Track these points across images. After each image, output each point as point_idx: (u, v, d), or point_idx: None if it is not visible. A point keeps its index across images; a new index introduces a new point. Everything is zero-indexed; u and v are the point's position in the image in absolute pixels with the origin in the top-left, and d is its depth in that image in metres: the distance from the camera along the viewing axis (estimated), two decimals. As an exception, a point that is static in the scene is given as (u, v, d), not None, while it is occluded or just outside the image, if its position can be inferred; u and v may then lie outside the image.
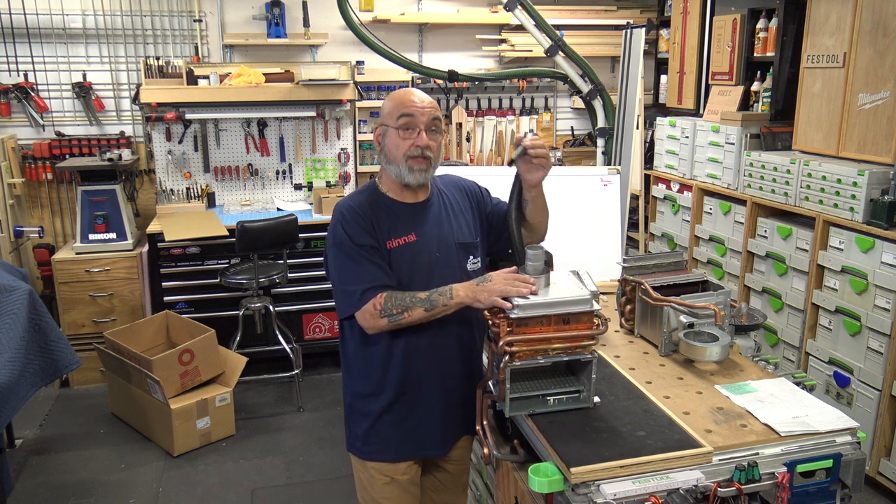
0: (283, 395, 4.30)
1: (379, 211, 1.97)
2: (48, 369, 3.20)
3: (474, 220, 2.11)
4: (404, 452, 2.08)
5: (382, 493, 2.09)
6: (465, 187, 2.16)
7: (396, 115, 1.94)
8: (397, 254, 1.96)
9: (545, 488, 1.56)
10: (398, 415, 2.05)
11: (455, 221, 2.06)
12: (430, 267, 1.97)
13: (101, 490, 3.35)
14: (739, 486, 1.55)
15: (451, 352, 2.04)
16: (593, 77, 4.64)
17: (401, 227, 1.97)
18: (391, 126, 1.96)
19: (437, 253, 1.99)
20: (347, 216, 1.95)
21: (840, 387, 3.31)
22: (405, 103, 1.95)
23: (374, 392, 2.05)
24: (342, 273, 1.94)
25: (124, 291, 4.33)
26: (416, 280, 1.95)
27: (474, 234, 2.09)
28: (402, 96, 1.98)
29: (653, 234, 4.87)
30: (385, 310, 1.87)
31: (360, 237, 1.92)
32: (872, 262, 3.11)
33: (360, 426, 2.09)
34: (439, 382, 2.04)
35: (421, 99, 1.96)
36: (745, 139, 3.94)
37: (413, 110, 1.93)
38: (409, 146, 1.93)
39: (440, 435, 2.10)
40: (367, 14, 4.92)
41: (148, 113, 4.59)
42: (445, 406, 2.07)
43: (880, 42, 3.22)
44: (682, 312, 2.10)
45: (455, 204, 2.10)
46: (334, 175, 5.06)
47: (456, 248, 2.03)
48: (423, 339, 1.98)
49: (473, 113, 5.43)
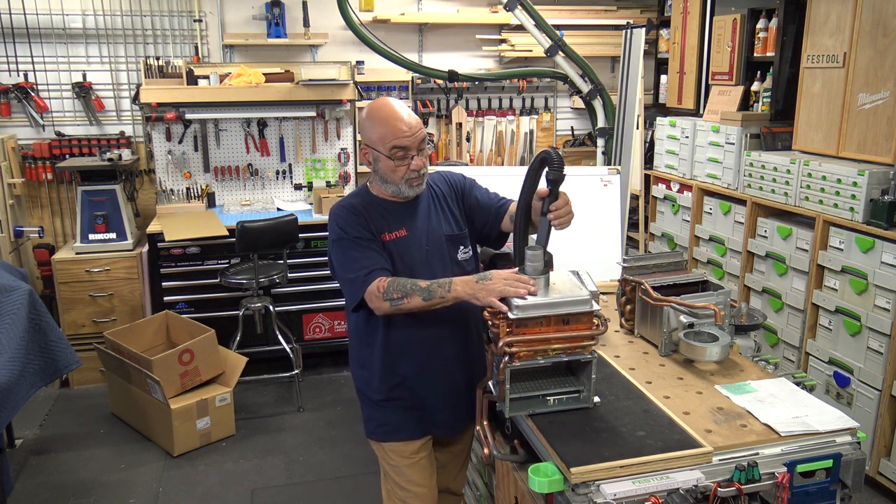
0: (283, 395, 4.30)
1: (371, 210, 2.07)
2: (48, 369, 3.20)
3: (460, 211, 2.20)
4: (415, 432, 2.16)
5: (405, 476, 2.18)
6: (450, 181, 2.24)
7: (388, 145, 1.98)
8: (391, 246, 2.05)
9: (545, 488, 1.56)
10: (402, 402, 2.13)
11: (442, 215, 2.16)
12: (423, 258, 2.08)
13: (101, 490, 3.35)
14: (739, 486, 1.55)
15: (449, 341, 2.12)
16: (593, 77, 4.64)
17: (393, 223, 2.07)
18: (382, 154, 2.00)
19: (428, 246, 2.09)
20: (342, 214, 2.06)
21: (840, 387, 3.31)
22: (395, 134, 1.97)
23: (376, 381, 2.13)
24: (344, 264, 2.02)
25: (124, 291, 4.33)
26: (412, 270, 2.05)
27: (461, 225, 2.19)
28: (389, 121, 1.98)
29: (653, 234, 4.87)
30: (387, 293, 1.93)
31: (356, 230, 2.02)
32: (872, 262, 3.11)
33: (371, 411, 2.19)
34: (438, 371, 2.11)
35: (409, 125, 1.98)
36: (745, 139, 3.94)
37: (405, 142, 1.98)
38: (405, 171, 2.01)
39: (446, 418, 2.19)
40: (367, 14, 4.91)
41: (148, 113, 4.59)
42: (448, 393, 2.15)
43: (880, 42, 3.21)
44: (682, 312, 2.10)
45: (443, 198, 2.19)
46: (334, 175, 5.06)
47: (445, 241, 2.13)
48: (419, 330, 2.06)
49: (473, 113, 5.43)
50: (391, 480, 2.22)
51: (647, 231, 4.94)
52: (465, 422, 2.23)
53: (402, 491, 2.18)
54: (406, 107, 2.04)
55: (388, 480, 2.24)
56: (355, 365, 2.21)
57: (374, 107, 2.03)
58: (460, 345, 2.15)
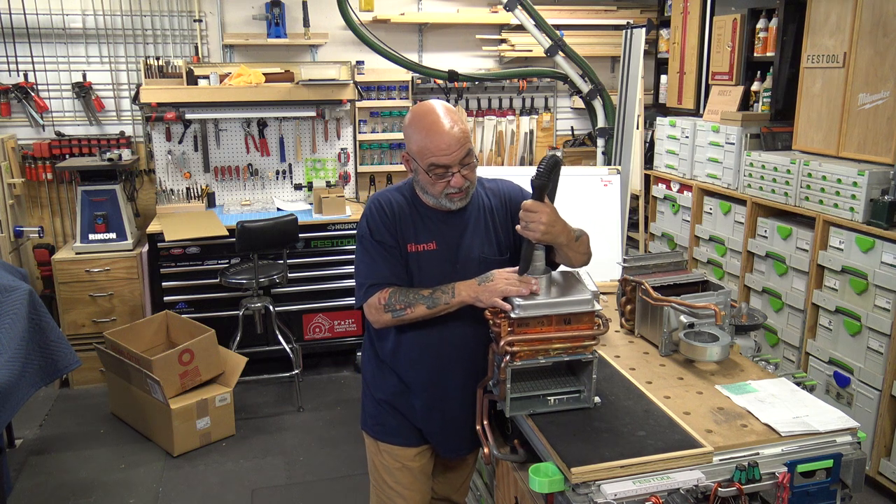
0: (283, 395, 4.30)
1: (405, 213, 1.94)
2: (48, 369, 3.20)
3: (506, 231, 2.00)
4: (414, 440, 2.11)
5: (396, 478, 2.12)
6: (506, 198, 2.03)
7: (426, 162, 1.83)
8: (415, 259, 1.95)
9: (545, 488, 1.57)
10: (406, 409, 2.08)
11: (485, 235, 1.98)
12: (445, 278, 1.92)
13: (101, 490, 3.34)
14: (740, 486, 1.56)
15: (456, 356, 2.00)
16: (593, 77, 4.64)
17: (423, 234, 1.95)
18: (421, 167, 1.86)
19: (457, 265, 1.95)
20: (374, 211, 1.96)
21: (840, 387, 3.31)
22: (434, 151, 1.81)
23: (381, 384, 2.10)
24: (359, 265, 1.99)
25: (124, 291, 4.33)
26: (430, 287, 1.92)
27: (503, 250, 2.00)
28: (430, 136, 1.81)
29: (653, 234, 4.87)
30: (388, 305, 1.90)
31: (379, 233, 1.94)
32: (872, 262, 3.11)
33: (373, 407, 2.14)
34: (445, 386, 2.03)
35: (450, 142, 1.80)
36: (745, 139, 3.94)
37: (444, 160, 1.81)
38: (444, 186, 1.86)
39: (449, 444, 2.11)
40: (367, 14, 4.91)
41: (148, 113, 4.59)
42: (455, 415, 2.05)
43: (880, 42, 3.22)
44: (682, 312, 2.11)
45: (491, 215, 2.00)
46: (334, 175, 5.06)
47: (477, 262, 1.95)
48: (428, 340, 1.98)
49: (473, 113, 5.43)
50: (379, 476, 2.15)
51: (647, 231, 4.94)
52: (466, 447, 2.12)
53: (391, 490, 2.12)
54: (453, 114, 1.84)
55: (376, 475, 2.17)
56: (365, 358, 2.17)
57: (418, 114, 1.87)
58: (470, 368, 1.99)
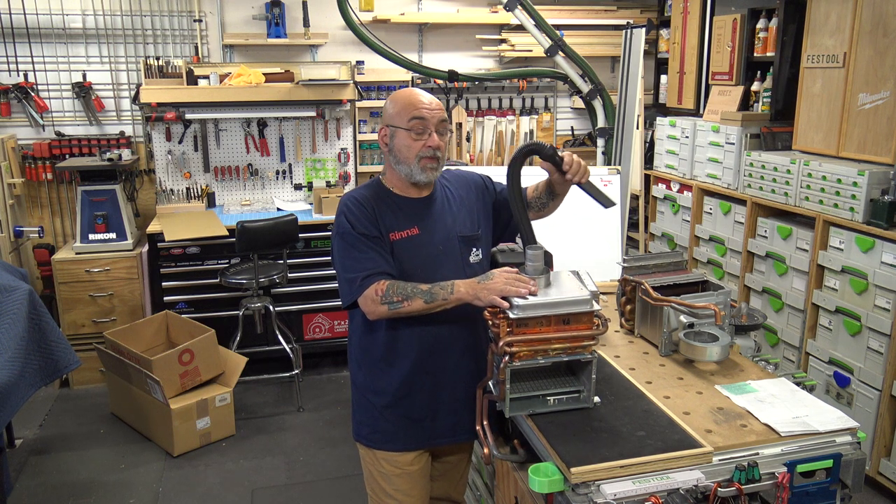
0: (283, 395, 4.30)
1: (382, 205, 2.02)
2: (48, 369, 3.20)
3: (478, 212, 2.15)
4: (412, 444, 2.10)
5: (394, 485, 2.12)
6: (469, 181, 2.20)
7: (407, 117, 1.97)
8: (400, 246, 2.00)
9: (545, 488, 1.56)
10: (404, 410, 2.07)
11: (458, 215, 2.10)
12: (433, 259, 2.02)
13: (101, 490, 3.35)
14: (739, 486, 1.55)
15: (455, 347, 2.06)
16: (593, 77, 4.64)
17: (404, 221, 2.02)
18: (401, 127, 1.98)
19: (440, 246, 2.04)
20: (351, 206, 2.00)
21: (840, 387, 3.31)
22: (415, 105, 1.98)
23: (379, 386, 2.08)
24: (345, 261, 1.98)
25: (124, 291, 4.33)
26: (420, 272, 1.99)
27: (476, 226, 2.13)
28: (410, 97, 2.00)
29: (653, 234, 4.87)
30: (386, 296, 1.90)
31: (362, 226, 1.97)
32: (872, 262, 3.11)
33: (366, 416, 2.12)
34: (444, 377, 2.06)
35: (429, 100, 2.00)
36: (745, 139, 3.94)
37: (424, 113, 1.97)
38: (421, 147, 1.98)
39: (448, 425, 2.12)
40: (367, 14, 4.91)
41: (148, 113, 4.59)
42: (451, 400, 2.09)
43: (880, 42, 3.21)
44: (682, 312, 2.10)
45: (458, 198, 2.14)
46: (334, 175, 5.06)
47: (458, 241, 2.07)
48: (425, 334, 2.01)
49: (473, 113, 5.43)
50: (377, 485, 2.16)
51: (647, 231, 4.94)
52: (467, 427, 2.14)
53: (389, 498, 2.13)
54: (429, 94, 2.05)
55: (374, 483, 2.17)
56: (355, 365, 2.14)
57: (397, 92, 2.07)
58: (468, 343, 2.08)
